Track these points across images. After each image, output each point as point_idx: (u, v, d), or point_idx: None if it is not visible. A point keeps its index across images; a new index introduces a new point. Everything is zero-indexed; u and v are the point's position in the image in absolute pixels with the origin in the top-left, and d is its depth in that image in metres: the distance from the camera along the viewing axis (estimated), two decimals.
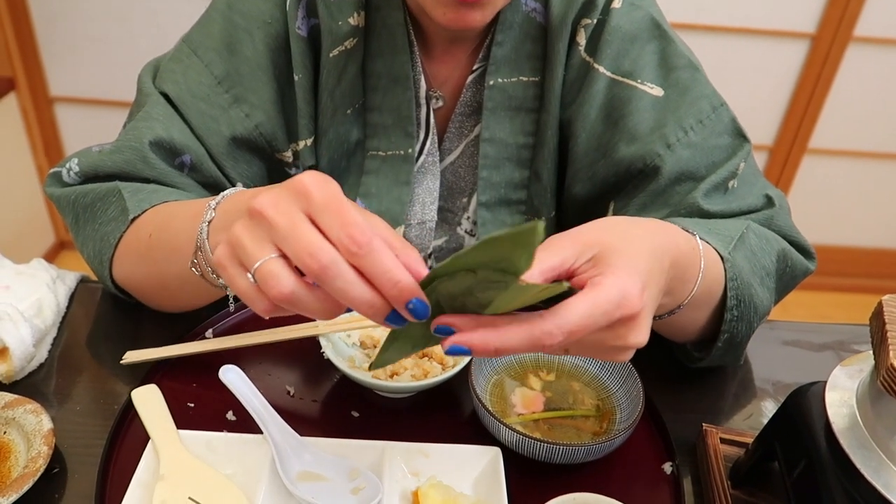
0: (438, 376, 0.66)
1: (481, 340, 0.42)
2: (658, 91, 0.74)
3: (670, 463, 0.64)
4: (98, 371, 0.71)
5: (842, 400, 0.50)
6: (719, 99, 0.75)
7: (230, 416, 0.65)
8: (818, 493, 0.49)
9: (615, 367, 0.69)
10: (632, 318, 0.45)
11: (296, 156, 0.78)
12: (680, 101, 0.73)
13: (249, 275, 0.44)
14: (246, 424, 0.62)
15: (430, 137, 0.81)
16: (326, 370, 0.70)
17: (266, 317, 0.45)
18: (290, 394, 0.69)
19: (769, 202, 0.75)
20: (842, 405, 0.50)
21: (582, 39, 0.74)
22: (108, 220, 0.69)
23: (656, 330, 0.67)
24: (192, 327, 0.74)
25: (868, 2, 1.92)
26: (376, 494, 0.56)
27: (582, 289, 0.45)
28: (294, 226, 0.42)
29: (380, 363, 0.50)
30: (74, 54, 2.05)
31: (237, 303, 0.63)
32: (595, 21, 0.74)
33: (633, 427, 0.61)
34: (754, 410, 0.73)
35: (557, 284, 0.41)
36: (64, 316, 0.77)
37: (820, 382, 0.54)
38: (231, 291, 0.61)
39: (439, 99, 0.80)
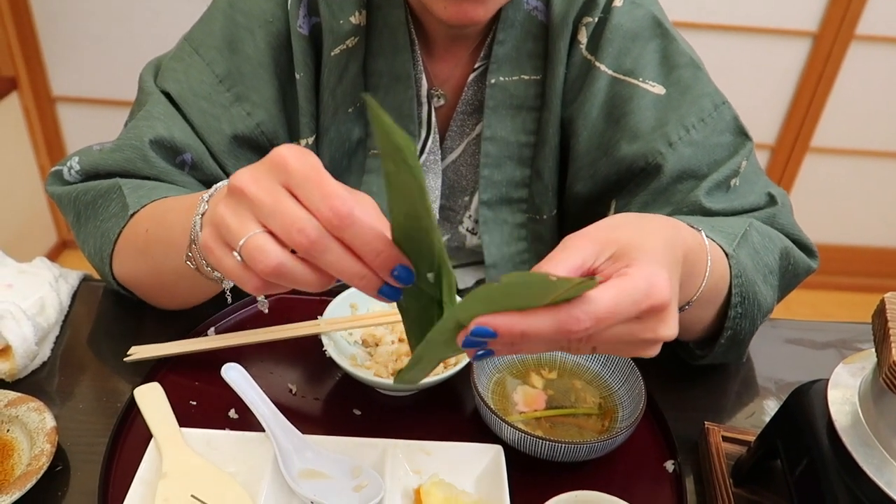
0: (440, 374, 0.66)
1: (507, 323, 0.40)
2: (660, 89, 0.74)
3: (672, 461, 0.64)
4: (100, 369, 0.71)
5: (844, 398, 0.50)
6: (721, 97, 0.75)
7: (232, 414, 0.65)
8: (820, 491, 0.49)
9: (617, 365, 0.69)
10: (662, 309, 0.44)
11: None
12: (682, 100, 0.73)
13: (236, 253, 0.44)
14: (248, 422, 0.62)
15: (432, 136, 0.81)
16: (328, 368, 0.70)
17: (258, 295, 0.45)
18: (293, 392, 0.69)
19: (771, 200, 0.75)
20: (844, 403, 0.50)
21: (583, 38, 0.74)
22: (109, 217, 0.69)
23: None
24: (195, 325, 0.74)
25: (870, 0, 1.92)
26: (378, 492, 0.56)
27: None
28: (277, 201, 0.42)
29: (405, 380, 0.48)
30: (76, 54, 2.06)
31: (236, 296, 0.63)
32: (596, 19, 0.74)
33: (635, 425, 0.61)
34: (756, 409, 0.73)
35: (589, 279, 0.40)
36: (66, 314, 0.77)
37: (822, 380, 0.54)
38: (227, 285, 0.61)
39: (440, 98, 0.80)
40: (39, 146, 2.17)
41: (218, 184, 0.56)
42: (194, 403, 0.66)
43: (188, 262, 0.58)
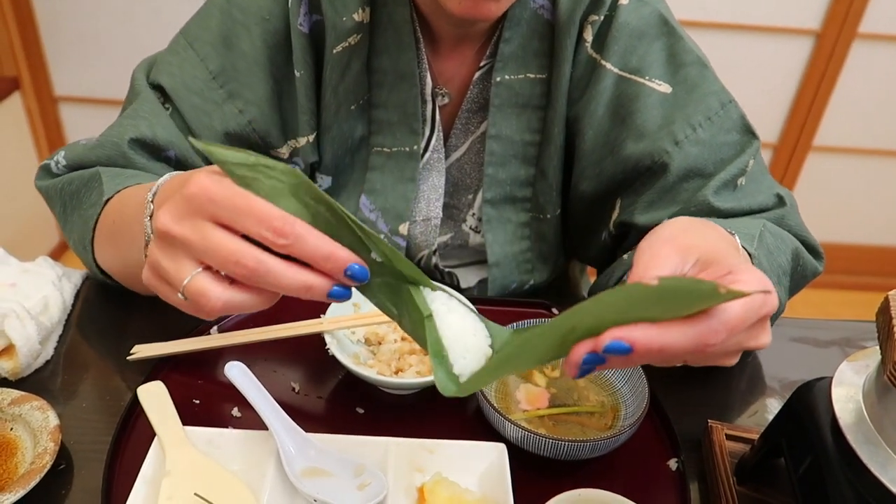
0: None
1: (646, 338, 0.38)
2: (666, 88, 0.74)
3: (675, 459, 0.64)
4: (104, 368, 0.72)
5: (848, 395, 0.50)
6: (728, 95, 0.75)
7: (235, 413, 0.66)
8: (825, 489, 0.49)
9: None
10: (767, 316, 0.43)
11: (294, 153, 0.78)
12: (688, 98, 0.73)
13: (180, 294, 0.44)
14: (251, 421, 0.62)
15: (436, 134, 0.80)
16: (331, 367, 0.70)
17: (212, 318, 0.45)
18: (296, 390, 0.69)
19: (780, 201, 0.75)
20: (848, 400, 0.50)
21: (589, 36, 0.74)
22: (90, 205, 0.70)
23: None
24: (198, 324, 0.74)
25: None
26: (382, 491, 0.56)
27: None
28: (205, 238, 0.42)
29: (469, 387, 0.46)
30: (78, 54, 2.06)
31: None
32: (602, 17, 0.74)
33: (639, 423, 0.61)
34: (759, 407, 0.73)
35: (738, 290, 0.38)
36: (70, 313, 0.77)
37: (826, 378, 0.53)
38: None
39: (445, 96, 0.80)
40: (42, 146, 2.17)
41: (160, 180, 0.54)
42: (197, 402, 0.66)
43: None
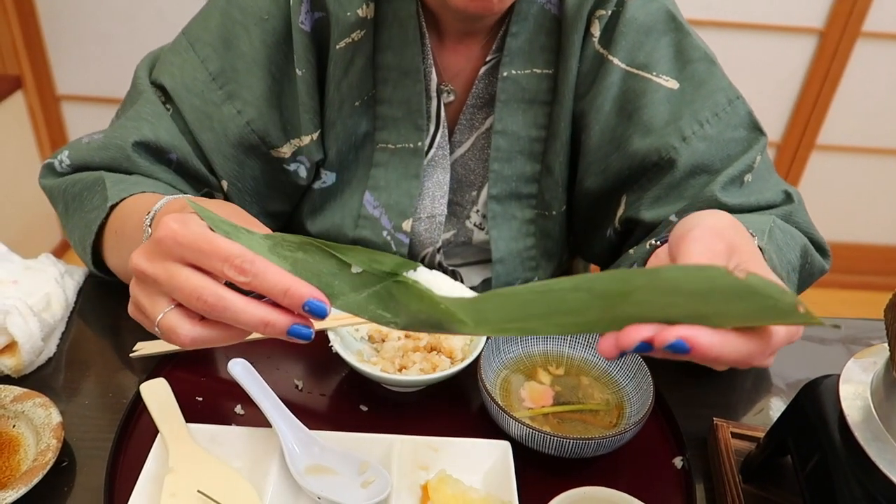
0: (447, 370, 0.66)
1: (708, 344, 0.38)
2: (673, 83, 0.73)
3: (681, 457, 0.63)
4: (106, 365, 0.71)
5: (856, 392, 0.50)
6: (735, 91, 0.74)
7: (238, 410, 0.65)
8: (832, 487, 0.48)
9: (625, 362, 0.68)
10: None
11: (297, 152, 0.78)
12: (695, 94, 0.73)
13: (156, 328, 0.47)
14: (254, 418, 0.62)
15: (441, 131, 0.80)
16: (335, 364, 0.70)
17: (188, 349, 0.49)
18: (299, 388, 0.69)
19: (788, 198, 0.75)
20: (856, 398, 0.49)
21: (596, 31, 0.74)
22: (92, 209, 0.71)
23: None
24: None
25: None
26: (385, 488, 0.56)
27: None
28: (171, 276, 0.45)
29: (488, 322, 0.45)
30: (81, 53, 2.06)
31: None
32: (610, 12, 0.73)
33: (644, 421, 0.61)
34: (764, 405, 0.72)
35: (814, 314, 0.38)
36: (72, 310, 0.77)
37: (833, 375, 0.53)
38: None
39: (450, 93, 0.80)
40: (44, 144, 2.17)
41: (157, 205, 0.58)
42: (200, 399, 0.66)
43: None
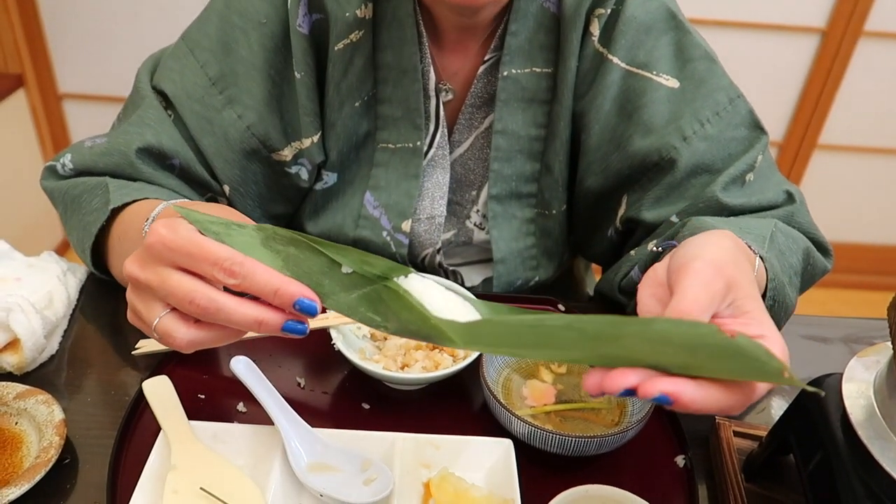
0: (449, 368, 0.66)
1: (690, 399, 0.40)
2: (674, 82, 0.73)
3: (683, 456, 0.63)
4: (109, 362, 0.71)
5: (859, 391, 0.50)
6: (736, 90, 0.74)
7: (241, 408, 0.65)
8: (835, 485, 0.48)
9: None
10: None
11: (299, 154, 0.78)
12: (696, 93, 0.73)
13: (153, 332, 0.48)
14: (257, 415, 0.62)
15: (440, 130, 0.80)
16: (337, 362, 0.70)
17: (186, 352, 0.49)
18: (301, 385, 0.69)
19: (790, 198, 0.74)
20: (859, 396, 0.49)
21: (595, 30, 0.74)
22: (92, 211, 0.71)
23: None
24: None
25: None
26: (388, 486, 0.56)
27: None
28: (163, 281, 0.46)
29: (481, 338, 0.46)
30: (83, 51, 2.06)
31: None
32: (609, 11, 0.73)
33: (646, 419, 0.61)
34: (767, 404, 0.72)
35: (797, 379, 0.39)
36: (74, 308, 0.77)
37: (836, 374, 0.53)
38: None
39: (449, 92, 0.80)
40: (46, 143, 2.17)
41: (153, 212, 0.59)
42: (203, 397, 0.66)
43: None
